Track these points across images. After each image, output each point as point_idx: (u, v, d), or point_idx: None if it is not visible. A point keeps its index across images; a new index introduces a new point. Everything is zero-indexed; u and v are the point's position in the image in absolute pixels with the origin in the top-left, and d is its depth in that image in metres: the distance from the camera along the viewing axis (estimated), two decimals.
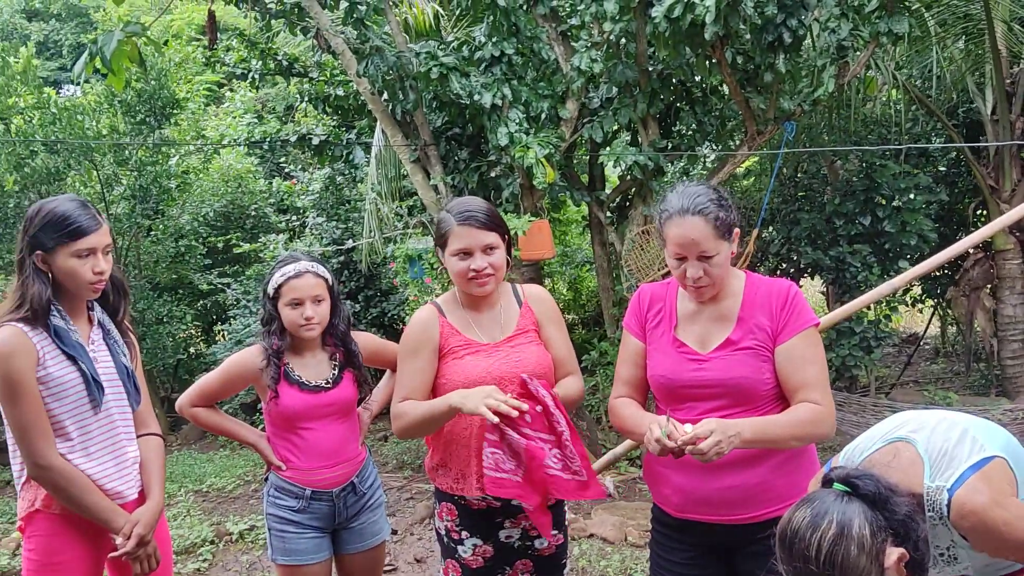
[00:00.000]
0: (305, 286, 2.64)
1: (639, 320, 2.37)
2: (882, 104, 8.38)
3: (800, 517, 1.63)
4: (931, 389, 7.39)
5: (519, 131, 5.56)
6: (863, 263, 7.17)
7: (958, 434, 1.81)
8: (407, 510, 5.71)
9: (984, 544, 1.72)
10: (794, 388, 2.16)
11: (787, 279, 2.38)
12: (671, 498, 2.27)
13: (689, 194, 2.16)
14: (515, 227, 5.57)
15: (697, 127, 6.69)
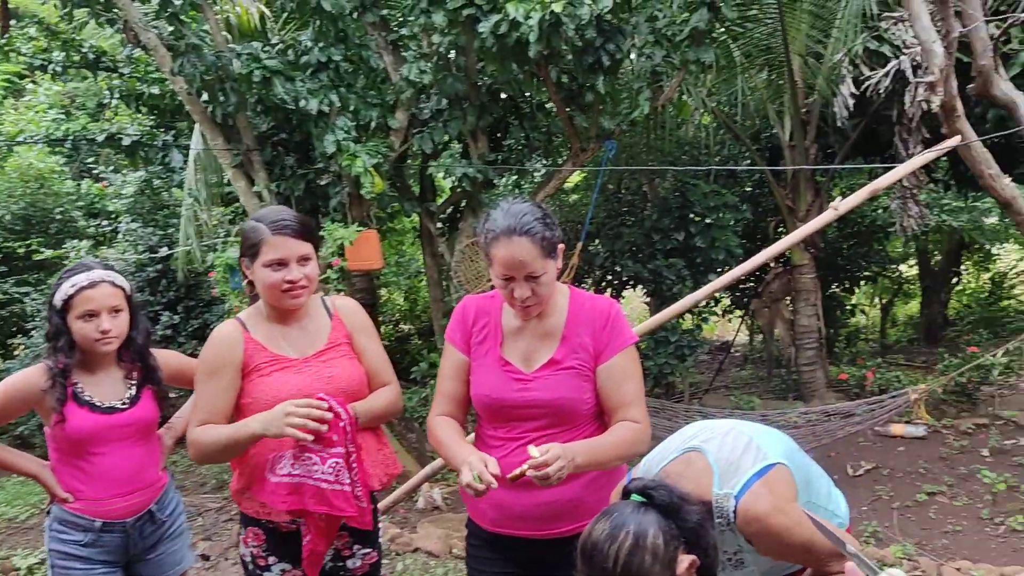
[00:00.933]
0: (101, 296, 2.47)
1: (463, 334, 2.33)
2: (694, 128, 8.91)
3: (600, 530, 1.69)
4: (737, 394, 7.91)
5: (347, 139, 5.48)
6: (678, 276, 7.60)
7: (744, 443, 1.92)
8: (224, 533, 5.47)
9: (767, 548, 1.83)
10: (614, 406, 2.21)
11: (609, 297, 2.44)
12: (487, 512, 2.28)
13: (515, 213, 2.12)
14: (342, 237, 5.49)
15: (526, 142, 6.87)
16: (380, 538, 2.69)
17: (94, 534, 2.52)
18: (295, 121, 5.87)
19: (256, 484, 2.37)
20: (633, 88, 6.20)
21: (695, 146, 8.89)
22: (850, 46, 6.67)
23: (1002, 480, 5.29)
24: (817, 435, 5.95)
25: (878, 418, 5.82)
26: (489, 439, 2.29)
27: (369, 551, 2.56)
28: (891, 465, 5.84)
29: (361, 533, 2.52)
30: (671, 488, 1.75)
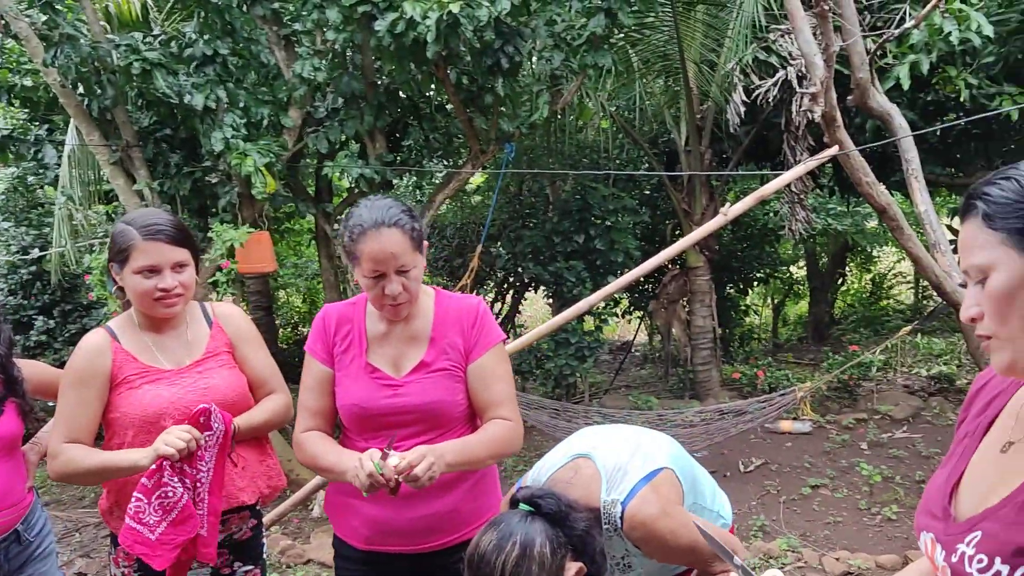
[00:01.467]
0: None
1: (324, 344, 2.23)
2: (594, 131, 9.04)
3: (487, 540, 1.67)
4: (636, 394, 8.05)
5: (236, 137, 5.29)
6: (578, 278, 7.68)
7: (631, 448, 1.93)
8: (103, 549, 5.20)
9: (654, 551, 1.85)
10: (485, 406, 2.18)
11: (476, 296, 2.41)
12: (360, 530, 2.20)
13: (380, 207, 2.06)
14: (232, 239, 5.30)
15: (425, 143, 6.79)
16: (266, 552, 2.59)
17: None
18: (180, 117, 5.63)
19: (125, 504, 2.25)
20: (533, 91, 6.22)
21: (595, 150, 9.02)
22: (741, 56, 6.88)
23: (878, 472, 5.54)
24: (711, 433, 6.11)
25: (768, 415, 6.03)
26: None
27: (251, 568, 2.47)
28: (779, 460, 6.05)
29: (241, 548, 2.43)
30: (558, 496, 1.74)
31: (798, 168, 4.28)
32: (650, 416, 6.50)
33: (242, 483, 2.35)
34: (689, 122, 7.87)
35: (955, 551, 1.08)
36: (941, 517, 1.17)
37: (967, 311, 1.11)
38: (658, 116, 8.43)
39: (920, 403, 6.88)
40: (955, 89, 5.60)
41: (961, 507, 1.15)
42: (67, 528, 5.53)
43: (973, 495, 1.14)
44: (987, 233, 1.07)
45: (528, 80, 6.57)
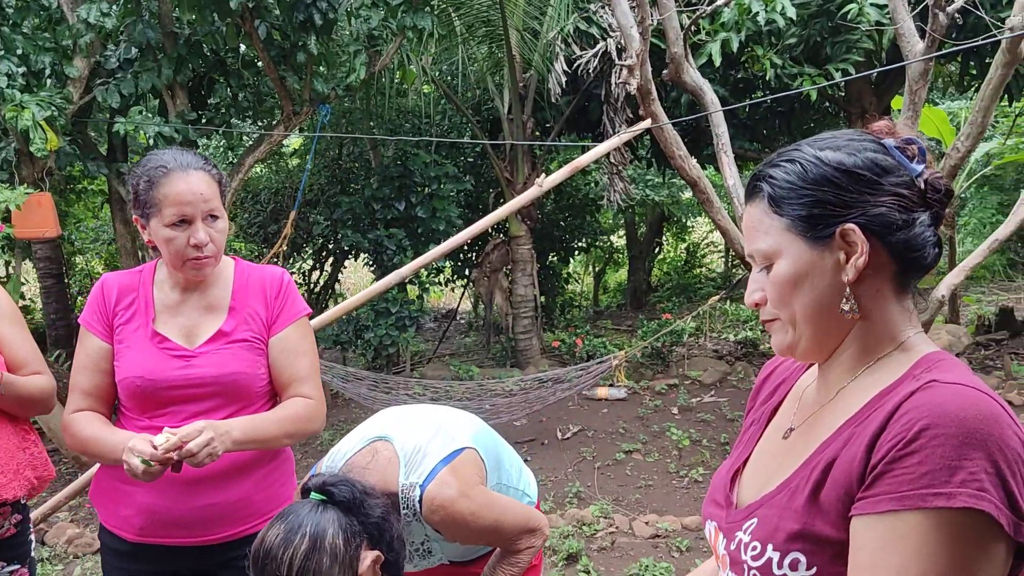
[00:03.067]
0: None
1: (103, 316, 2.01)
2: (416, 97, 8.86)
3: (273, 535, 1.54)
4: (457, 363, 8.03)
5: (12, 87, 4.73)
6: (398, 246, 7.52)
7: (432, 429, 1.86)
8: None
9: (455, 534, 1.79)
10: (287, 382, 2.04)
11: (279, 267, 2.24)
12: (132, 519, 1.97)
13: (181, 152, 1.95)
14: (7, 200, 4.74)
15: (233, 101, 6.36)
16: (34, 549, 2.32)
17: None
18: None
19: None
20: (350, 51, 5.97)
21: (417, 115, 8.84)
22: (563, 25, 6.92)
23: (687, 436, 5.81)
24: (530, 402, 6.18)
25: (585, 383, 6.16)
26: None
27: (17, 567, 2.22)
28: (595, 426, 6.21)
29: (4, 547, 2.18)
30: (352, 483, 1.64)
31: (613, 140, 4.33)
32: (471, 386, 6.49)
33: (4, 478, 2.07)
34: (512, 90, 7.85)
35: (734, 539, 1.07)
36: (724, 505, 1.15)
37: (751, 296, 1.09)
38: (481, 83, 8.36)
39: (727, 368, 7.28)
40: (762, 68, 5.88)
41: (743, 494, 1.14)
42: None
43: (754, 482, 1.13)
44: (772, 218, 1.04)
45: (345, 40, 6.29)
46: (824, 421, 1.05)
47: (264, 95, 6.54)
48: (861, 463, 0.93)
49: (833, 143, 1.04)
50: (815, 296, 1.02)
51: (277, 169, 9.56)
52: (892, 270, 1.02)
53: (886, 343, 1.04)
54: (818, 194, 1.01)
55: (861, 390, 1.03)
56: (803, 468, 1.02)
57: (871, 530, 0.91)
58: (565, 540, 4.21)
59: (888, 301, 1.03)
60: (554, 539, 4.23)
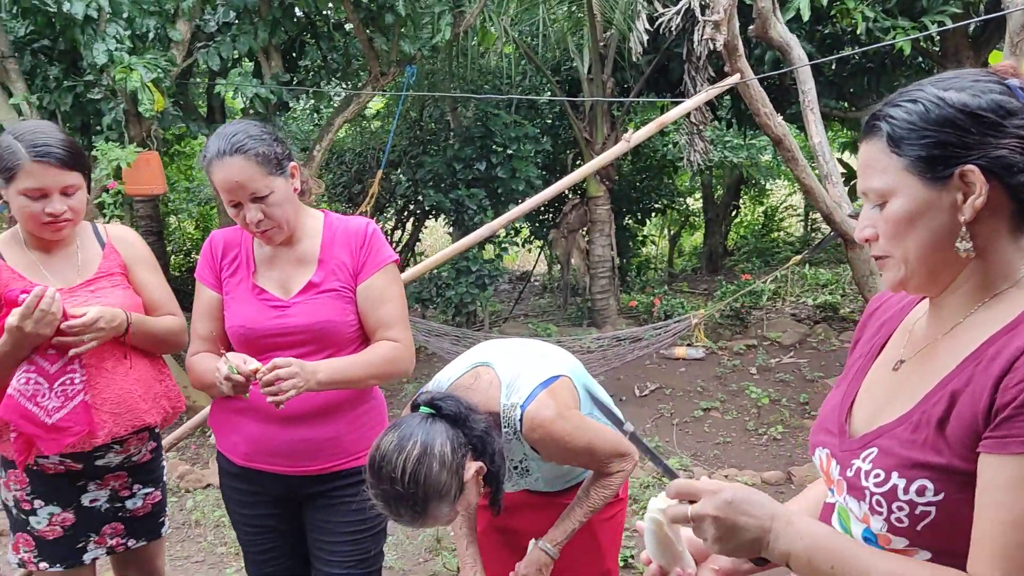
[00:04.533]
0: None
1: (213, 269, 2.20)
2: (497, 57, 8.92)
3: (388, 442, 1.70)
4: (535, 322, 8.18)
5: (121, 50, 4.97)
6: (479, 206, 7.66)
7: (531, 357, 1.99)
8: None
9: (552, 453, 1.92)
10: (374, 326, 2.16)
11: (367, 218, 2.37)
12: (239, 446, 2.18)
13: (226, 134, 2.01)
14: (119, 158, 5.02)
15: (323, 63, 6.56)
16: (165, 476, 2.55)
17: None
18: (59, 26, 5.24)
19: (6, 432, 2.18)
20: (435, 12, 6.07)
21: (497, 76, 8.91)
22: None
23: (766, 395, 5.85)
24: (608, 359, 6.29)
25: (663, 342, 6.23)
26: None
27: (151, 491, 2.44)
28: (673, 384, 6.29)
29: (141, 471, 2.40)
30: (458, 399, 1.80)
31: (699, 96, 4.36)
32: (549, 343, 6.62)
33: (145, 404, 2.29)
34: (592, 49, 7.85)
35: (850, 466, 1.12)
36: (836, 433, 1.19)
37: (862, 232, 1.12)
38: (561, 43, 8.37)
39: (806, 330, 7.25)
40: (852, 22, 5.75)
41: (855, 424, 1.18)
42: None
43: (867, 412, 1.17)
44: (890, 157, 1.06)
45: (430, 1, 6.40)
46: (939, 355, 1.08)
47: (352, 57, 6.70)
48: (987, 403, 0.97)
49: (957, 83, 1.04)
50: (930, 235, 1.04)
51: (360, 130, 9.77)
52: (1009, 210, 1.02)
53: (1001, 281, 1.05)
54: (940, 135, 1.01)
55: (977, 326, 1.05)
56: (924, 402, 1.05)
57: (1001, 469, 0.95)
58: (646, 490, 4.34)
59: (1004, 240, 1.04)
60: (635, 488, 4.36)
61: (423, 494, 1.65)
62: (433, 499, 1.67)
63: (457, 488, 1.70)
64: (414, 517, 1.69)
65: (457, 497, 1.72)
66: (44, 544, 2.27)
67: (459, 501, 1.73)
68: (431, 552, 3.87)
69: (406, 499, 1.66)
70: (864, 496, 1.08)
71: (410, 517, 1.69)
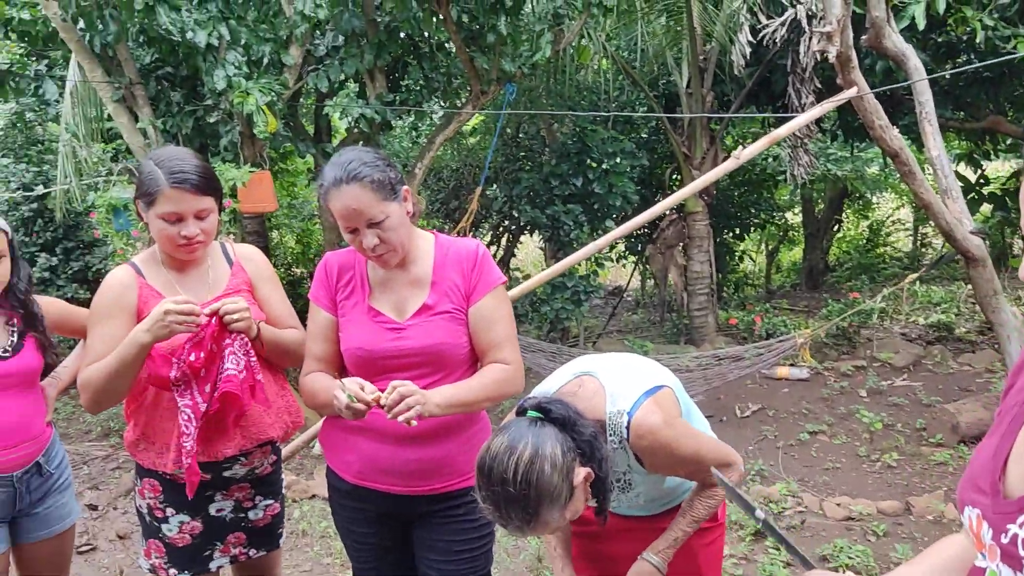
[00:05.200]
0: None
1: (328, 292, 2.25)
2: (593, 72, 8.92)
3: (498, 443, 1.69)
4: (630, 338, 8.10)
5: (238, 75, 5.20)
6: (575, 221, 7.66)
7: (632, 368, 1.97)
8: (111, 482, 5.26)
9: (658, 462, 1.88)
10: (485, 348, 2.18)
11: (490, 240, 2.39)
12: (352, 464, 2.23)
13: (342, 163, 2.06)
14: (234, 178, 5.25)
15: (425, 83, 6.69)
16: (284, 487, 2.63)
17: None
18: (182, 54, 5.52)
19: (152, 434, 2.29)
20: (535, 30, 6.12)
21: (594, 91, 8.91)
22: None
23: (878, 419, 5.62)
24: (708, 378, 6.17)
25: (766, 361, 6.08)
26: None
27: (271, 502, 2.52)
28: (776, 406, 6.12)
29: (263, 483, 2.48)
30: (566, 403, 1.77)
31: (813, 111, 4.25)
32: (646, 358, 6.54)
33: (269, 419, 2.37)
34: (691, 63, 7.77)
35: (1006, 531, 1.04)
36: (989, 493, 1.10)
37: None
38: (659, 57, 8.31)
39: (920, 351, 6.94)
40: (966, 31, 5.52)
41: (1011, 483, 1.08)
42: (75, 461, 5.57)
43: (1022, 471, 1.07)
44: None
45: (530, 19, 6.46)
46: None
47: (453, 76, 6.82)
48: None
49: None
50: None
51: (458, 147, 9.92)
52: None
53: None
54: None
55: None
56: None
57: None
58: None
59: None
60: (740, 513, 4.25)
61: (535, 496, 1.63)
62: (545, 502, 1.65)
63: (567, 493, 1.68)
64: (525, 521, 1.67)
65: (567, 502, 1.69)
66: (174, 551, 2.36)
67: (568, 507, 1.70)
68: (532, 572, 3.87)
69: (517, 501, 1.64)
70: (1022, 566, 1.00)
71: (520, 521, 1.67)
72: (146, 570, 2.45)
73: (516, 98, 8.02)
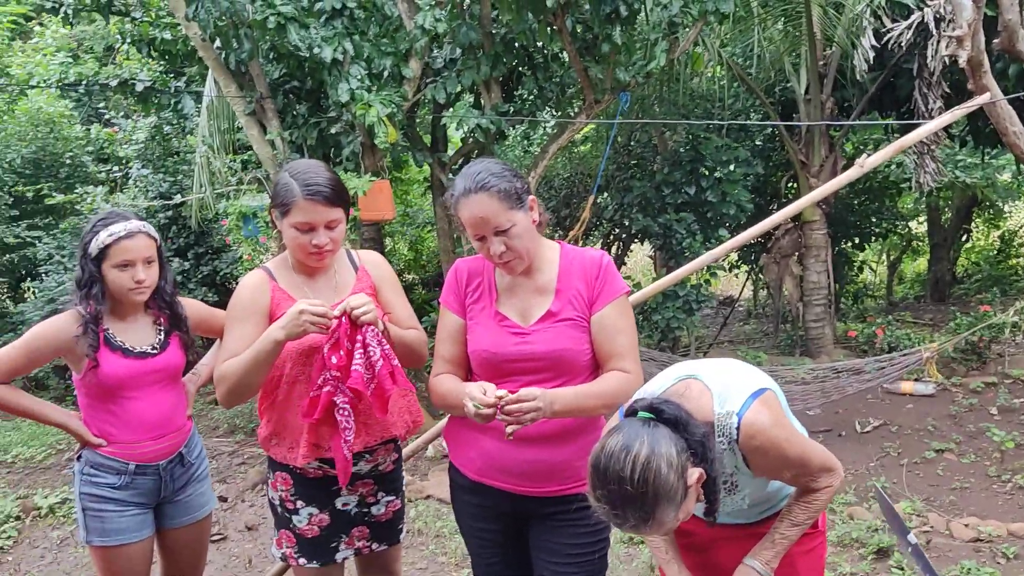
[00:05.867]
0: (137, 248, 2.49)
1: (457, 296, 2.35)
2: (707, 80, 8.80)
3: (614, 442, 1.70)
4: (743, 349, 7.94)
5: (361, 88, 5.42)
6: (687, 230, 7.58)
7: (736, 372, 1.96)
8: (238, 476, 5.55)
9: (765, 463, 1.86)
10: (606, 356, 2.23)
11: (600, 249, 2.43)
12: (475, 461, 2.30)
13: (471, 174, 2.15)
14: (355, 187, 5.46)
15: (538, 93, 6.78)
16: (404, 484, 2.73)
17: (128, 476, 2.57)
18: (308, 69, 5.80)
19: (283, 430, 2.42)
20: (649, 39, 6.11)
21: (707, 99, 8.79)
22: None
23: (1010, 438, 5.33)
24: (826, 391, 5.99)
25: (889, 375, 5.86)
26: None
27: (392, 498, 2.62)
28: (899, 422, 5.88)
29: (385, 479, 2.58)
30: (677, 404, 1.78)
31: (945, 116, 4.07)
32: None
33: (393, 417, 2.47)
34: (810, 69, 7.57)
35: None
36: None
37: None
38: (776, 63, 8.13)
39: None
40: None
41: None
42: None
43: None
44: None
45: (644, 28, 6.45)
46: None
47: (566, 86, 6.88)
48: None
49: None
50: None
51: (569, 157, 9.98)
52: None
53: None
54: None
55: None
56: None
57: None
58: (874, 534, 4.08)
59: None
60: (861, 531, 4.12)
61: (652, 495, 1.64)
62: (662, 501, 1.65)
63: (682, 492, 1.68)
64: (641, 520, 1.67)
65: (682, 502, 1.70)
66: (304, 542, 2.50)
67: (682, 507, 1.71)
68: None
69: (634, 500, 1.65)
70: None
71: (637, 520, 1.68)
72: (278, 558, 2.59)
73: (629, 107, 8.02)
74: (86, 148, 8.90)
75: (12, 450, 6.29)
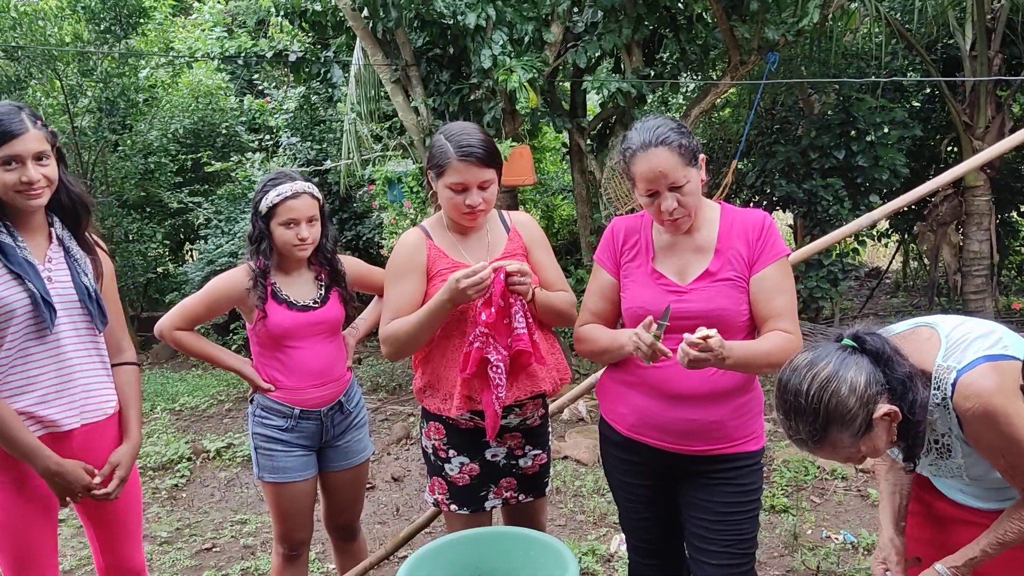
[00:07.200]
0: (302, 207, 2.64)
1: (612, 255, 2.36)
2: (862, 37, 8.34)
3: (802, 359, 1.70)
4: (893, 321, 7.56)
5: (503, 54, 5.47)
6: (835, 197, 7.25)
7: (985, 331, 1.78)
8: (383, 431, 5.80)
9: (978, 434, 1.70)
10: (765, 317, 2.19)
11: (761, 210, 2.38)
12: (627, 416, 2.31)
13: (648, 127, 2.15)
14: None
15: (680, 55, 6.64)
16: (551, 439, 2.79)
17: (293, 420, 2.75)
18: (451, 36, 5.89)
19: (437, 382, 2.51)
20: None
21: (861, 57, 8.33)
22: None
23: None
24: None
25: None
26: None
27: (539, 452, 2.68)
28: None
29: (532, 433, 2.64)
30: (885, 338, 1.72)
31: None
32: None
33: (542, 372, 2.52)
34: (977, 23, 7.05)
35: None
36: None
37: None
38: (939, 18, 7.60)
39: None
40: None
41: None
42: None
43: None
44: None
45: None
46: None
47: (710, 47, 6.69)
48: None
49: None
50: None
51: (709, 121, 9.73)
52: None
53: None
54: None
55: None
56: None
57: None
58: None
59: None
60: None
61: (825, 413, 1.64)
62: (835, 423, 1.64)
63: (863, 421, 1.65)
64: (811, 436, 1.68)
65: (862, 432, 1.66)
66: (455, 489, 2.59)
67: (863, 439, 1.67)
68: (788, 548, 3.79)
69: (807, 414, 1.66)
70: None
71: (807, 434, 1.68)
72: (431, 504, 2.70)
73: (776, 68, 7.73)
74: (240, 119, 9.42)
75: (180, 399, 6.81)
